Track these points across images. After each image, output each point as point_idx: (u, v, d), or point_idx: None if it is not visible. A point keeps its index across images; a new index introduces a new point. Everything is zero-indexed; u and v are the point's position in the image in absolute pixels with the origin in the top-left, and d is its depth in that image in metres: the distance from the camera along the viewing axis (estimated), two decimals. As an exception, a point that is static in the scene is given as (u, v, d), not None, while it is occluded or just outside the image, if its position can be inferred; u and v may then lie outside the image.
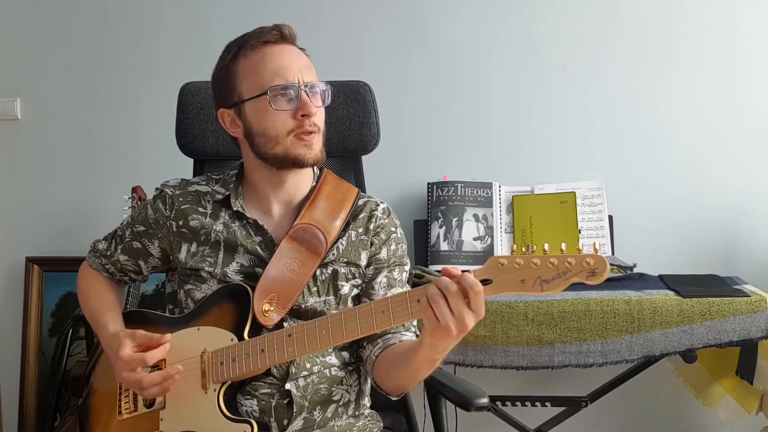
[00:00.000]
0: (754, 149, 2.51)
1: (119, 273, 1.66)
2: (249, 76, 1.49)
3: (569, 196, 2.39)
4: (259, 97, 1.47)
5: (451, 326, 1.22)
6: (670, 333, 2.00)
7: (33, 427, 2.65)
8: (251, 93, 1.48)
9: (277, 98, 1.47)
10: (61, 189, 2.71)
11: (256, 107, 1.48)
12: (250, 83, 1.49)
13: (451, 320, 1.22)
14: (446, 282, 1.23)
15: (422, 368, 1.38)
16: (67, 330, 2.62)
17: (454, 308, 1.22)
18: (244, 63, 1.49)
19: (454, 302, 1.22)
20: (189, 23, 2.65)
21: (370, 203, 1.62)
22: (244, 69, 1.49)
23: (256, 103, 1.48)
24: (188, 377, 1.46)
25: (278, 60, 1.49)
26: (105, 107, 2.69)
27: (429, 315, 1.24)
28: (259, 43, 1.49)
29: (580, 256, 1.18)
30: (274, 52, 1.49)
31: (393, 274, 1.59)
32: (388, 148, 2.18)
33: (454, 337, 1.24)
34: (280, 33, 1.50)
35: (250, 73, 1.49)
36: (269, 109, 1.47)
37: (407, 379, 1.44)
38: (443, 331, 1.23)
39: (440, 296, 1.22)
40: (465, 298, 1.22)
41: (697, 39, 2.52)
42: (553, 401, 2.32)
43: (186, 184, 1.62)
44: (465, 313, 1.22)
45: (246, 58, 1.49)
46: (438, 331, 1.24)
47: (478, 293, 1.21)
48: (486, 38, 2.58)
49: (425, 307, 1.24)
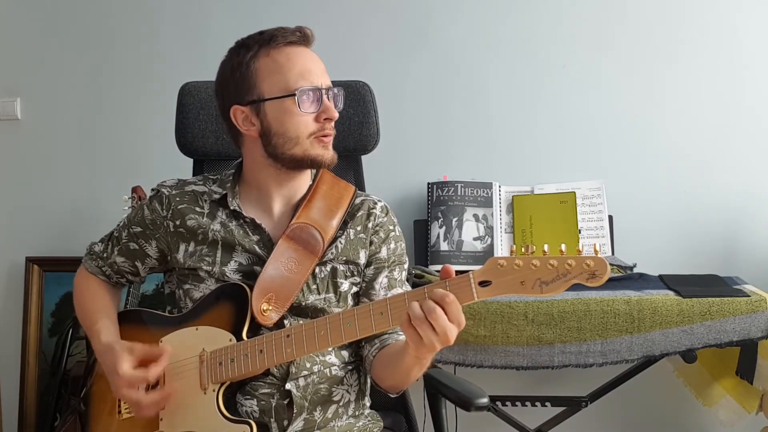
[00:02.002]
0: (754, 149, 2.51)
1: (116, 275, 1.66)
2: (273, 76, 1.48)
3: (569, 196, 2.39)
4: (284, 98, 1.47)
5: (435, 343, 1.23)
6: (670, 333, 2.00)
7: (33, 427, 2.65)
8: (274, 93, 1.47)
9: (302, 100, 1.46)
10: (61, 189, 2.71)
11: (280, 108, 1.47)
12: (273, 82, 1.48)
13: (435, 338, 1.23)
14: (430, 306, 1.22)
15: (413, 369, 1.40)
16: (67, 330, 2.62)
17: (437, 328, 1.22)
18: (267, 61, 1.48)
19: (437, 321, 1.22)
20: (189, 23, 2.65)
21: (368, 201, 1.62)
22: (267, 68, 1.48)
23: (280, 103, 1.47)
24: (187, 377, 1.46)
25: (303, 62, 1.49)
26: (105, 107, 2.69)
27: (411, 334, 1.25)
28: (283, 44, 1.49)
29: (580, 257, 1.17)
30: (298, 54, 1.49)
31: (393, 274, 1.59)
32: (388, 148, 2.18)
33: (437, 349, 1.26)
34: (303, 35, 1.50)
35: (275, 73, 1.48)
36: (294, 111, 1.46)
37: (400, 379, 1.46)
38: (427, 349, 1.25)
39: (424, 321, 1.23)
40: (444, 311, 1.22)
41: (697, 39, 2.52)
42: (553, 401, 2.32)
43: (183, 184, 1.62)
44: (447, 329, 1.23)
45: (269, 56, 1.48)
46: (422, 348, 1.25)
47: (451, 303, 1.22)
48: (486, 38, 2.57)
49: (407, 328, 1.24)
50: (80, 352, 2.60)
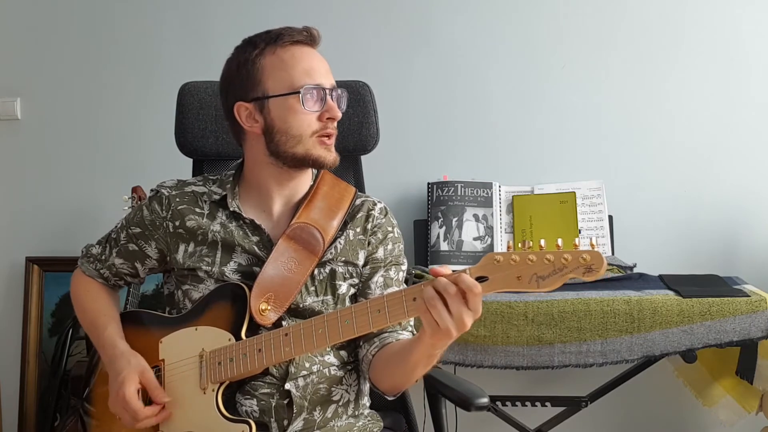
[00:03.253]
0: (755, 149, 2.51)
1: (114, 278, 1.65)
2: (278, 73, 1.48)
3: (569, 196, 2.39)
4: (289, 95, 1.47)
5: (451, 328, 1.22)
6: (670, 333, 2.00)
7: (33, 427, 2.65)
8: (279, 90, 1.48)
9: (307, 98, 1.47)
10: (61, 189, 2.71)
11: (284, 105, 1.48)
12: (278, 80, 1.48)
13: (450, 322, 1.22)
14: (444, 283, 1.22)
15: (419, 366, 1.38)
16: (67, 330, 2.62)
17: (453, 310, 1.22)
18: (273, 59, 1.49)
19: (453, 304, 1.22)
20: (189, 23, 2.65)
21: (368, 203, 1.62)
22: (273, 65, 1.49)
23: (284, 101, 1.48)
24: (187, 378, 1.46)
25: (308, 61, 1.49)
26: (105, 107, 2.69)
27: (428, 319, 1.24)
28: (289, 42, 1.49)
29: (576, 251, 1.17)
30: (304, 53, 1.50)
31: (389, 273, 1.59)
32: (388, 148, 2.18)
33: (454, 336, 1.24)
34: (310, 34, 1.51)
35: (280, 70, 1.48)
36: (298, 108, 1.47)
37: (404, 377, 1.44)
38: (443, 333, 1.23)
39: (438, 299, 1.22)
40: (463, 298, 1.22)
41: (697, 39, 2.52)
42: (553, 401, 2.31)
43: (182, 185, 1.62)
44: (464, 314, 1.22)
45: (275, 54, 1.49)
46: (438, 333, 1.24)
47: (477, 294, 1.21)
48: (486, 38, 2.57)
49: (423, 311, 1.24)
50: (80, 352, 2.60)
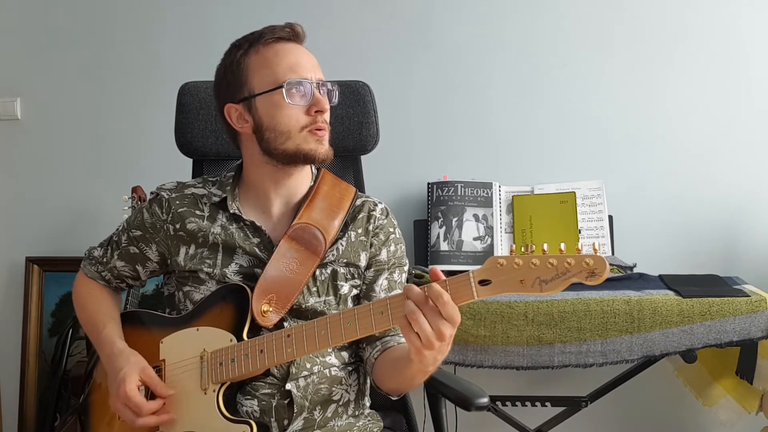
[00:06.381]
0: (755, 149, 2.51)
1: (116, 280, 1.65)
2: (262, 71, 1.48)
3: (569, 196, 2.39)
4: (273, 91, 1.47)
5: (432, 340, 1.22)
6: (670, 333, 2.00)
7: (33, 427, 2.65)
8: (264, 87, 1.48)
9: (291, 92, 1.47)
10: (61, 189, 2.71)
11: (269, 102, 1.48)
12: (262, 77, 1.48)
13: (431, 334, 1.22)
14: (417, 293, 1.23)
15: (416, 378, 1.40)
16: (67, 330, 2.62)
17: (431, 322, 1.22)
18: (257, 58, 1.49)
19: (428, 313, 1.22)
20: (189, 23, 2.65)
21: (368, 203, 1.62)
22: (257, 64, 1.49)
23: (269, 97, 1.48)
24: (188, 378, 1.46)
25: (292, 56, 1.49)
26: (105, 107, 2.69)
27: (412, 337, 1.24)
28: (272, 39, 1.49)
29: (579, 256, 1.18)
30: (287, 49, 1.50)
31: (393, 276, 1.59)
32: (388, 148, 2.18)
33: (437, 348, 1.24)
34: (293, 31, 1.51)
35: (263, 68, 1.48)
36: (283, 104, 1.47)
37: (403, 384, 1.46)
38: (425, 347, 1.24)
39: (418, 312, 1.23)
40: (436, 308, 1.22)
41: (697, 39, 2.52)
42: (553, 401, 2.32)
43: (182, 187, 1.62)
44: (441, 324, 1.22)
45: (258, 53, 1.49)
46: (421, 349, 1.24)
47: (446, 303, 1.22)
48: (486, 38, 2.57)
49: (406, 329, 1.24)
50: (80, 352, 2.60)
